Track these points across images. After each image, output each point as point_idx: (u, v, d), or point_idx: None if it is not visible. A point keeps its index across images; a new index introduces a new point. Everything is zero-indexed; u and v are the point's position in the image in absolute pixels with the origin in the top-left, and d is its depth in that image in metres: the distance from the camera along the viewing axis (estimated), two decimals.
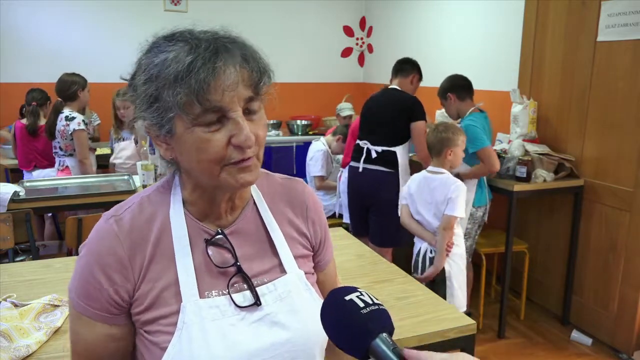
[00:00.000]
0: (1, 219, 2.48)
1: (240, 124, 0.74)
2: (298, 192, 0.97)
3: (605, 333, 2.97)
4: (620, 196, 2.84)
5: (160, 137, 0.79)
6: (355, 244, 2.04)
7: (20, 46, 4.81)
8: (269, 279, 0.87)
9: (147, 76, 0.75)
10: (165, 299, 0.80)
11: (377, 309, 0.61)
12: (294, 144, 5.05)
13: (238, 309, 0.81)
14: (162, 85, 0.73)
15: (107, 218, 0.83)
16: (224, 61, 0.73)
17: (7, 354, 1.16)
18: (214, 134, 0.74)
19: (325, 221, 1.02)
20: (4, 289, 1.53)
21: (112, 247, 0.80)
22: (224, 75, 0.72)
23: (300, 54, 5.78)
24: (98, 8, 5.01)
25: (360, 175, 3.13)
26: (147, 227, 0.83)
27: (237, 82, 0.73)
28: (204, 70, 0.71)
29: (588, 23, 2.97)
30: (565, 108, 3.18)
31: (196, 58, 0.71)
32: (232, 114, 0.74)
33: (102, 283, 0.79)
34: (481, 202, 2.93)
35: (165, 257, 0.82)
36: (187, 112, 0.73)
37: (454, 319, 1.40)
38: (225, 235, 0.85)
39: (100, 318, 0.80)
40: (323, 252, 1.00)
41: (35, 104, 3.88)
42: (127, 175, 3.28)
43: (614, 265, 2.90)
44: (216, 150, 0.74)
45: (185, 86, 0.71)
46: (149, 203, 0.85)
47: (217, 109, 0.73)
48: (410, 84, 3.22)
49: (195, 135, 0.74)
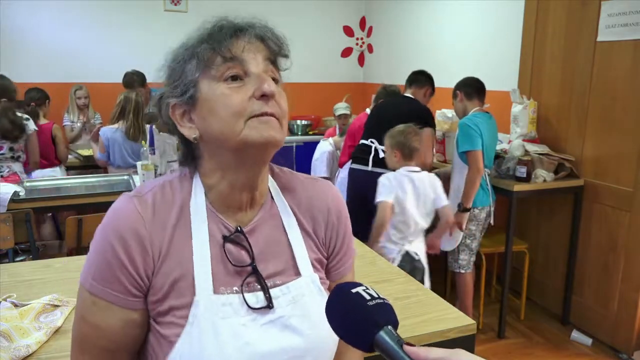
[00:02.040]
0: (1, 219, 2.48)
1: (262, 75, 0.77)
2: (321, 193, 0.94)
3: (605, 333, 2.97)
4: (620, 196, 2.84)
5: (185, 113, 0.81)
6: (355, 243, 2.04)
7: (20, 46, 4.81)
8: (282, 281, 0.85)
9: (175, 58, 0.81)
10: (179, 289, 0.78)
11: (383, 302, 0.62)
12: (294, 144, 5.05)
13: (250, 309, 0.80)
14: (189, 55, 0.78)
15: (130, 197, 0.81)
16: (245, 27, 0.79)
17: (7, 354, 1.16)
18: (237, 88, 0.76)
19: (349, 229, 0.97)
20: (4, 289, 1.53)
21: (135, 227, 0.78)
22: (245, 35, 0.78)
23: (300, 53, 5.70)
24: (98, 8, 5.01)
25: (367, 177, 3.06)
26: (168, 213, 0.81)
27: (257, 44, 0.79)
28: (227, 28, 0.78)
29: (588, 23, 2.97)
30: (565, 108, 3.18)
31: (218, 25, 0.79)
32: (253, 69, 0.77)
33: (125, 263, 0.76)
34: (483, 203, 2.92)
35: (182, 246, 0.80)
36: (210, 66, 0.77)
37: (454, 319, 1.40)
38: (244, 233, 0.83)
39: (121, 302, 0.77)
40: (338, 262, 0.95)
41: (35, 104, 3.87)
42: (127, 175, 3.29)
43: (614, 265, 2.90)
44: (239, 102, 0.76)
45: (208, 42, 0.77)
46: (171, 188, 0.84)
47: (239, 61, 0.77)
48: (424, 96, 3.28)
49: (219, 91, 0.76)
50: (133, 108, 3.61)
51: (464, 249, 2.97)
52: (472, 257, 3.00)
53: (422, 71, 3.35)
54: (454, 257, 3.02)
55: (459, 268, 3.00)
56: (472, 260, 3.01)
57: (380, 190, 2.50)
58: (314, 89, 5.89)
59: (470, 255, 2.99)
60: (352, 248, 0.99)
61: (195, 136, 0.80)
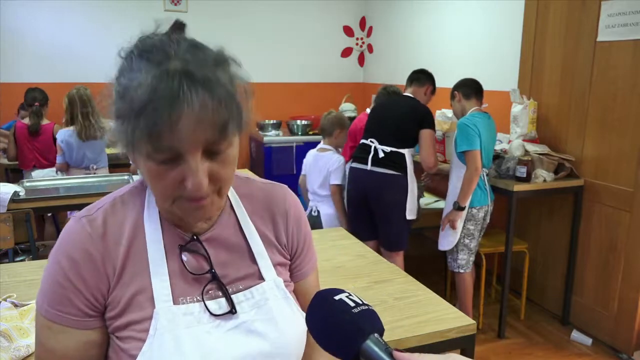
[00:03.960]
0: (1, 219, 2.48)
1: (191, 170, 0.69)
2: (279, 197, 0.94)
3: (606, 333, 2.97)
4: (620, 196, 2.84)
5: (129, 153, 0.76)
6: (355, 244, 2.04)
7: (19, 46, 4.81)
8: (245, 286, 0.84)
9: (118, 90, 0.72)
10: (138, 303, 0.77)
11: (367, 309, 0.60)
12: (294, 144, 5.05)
13: (212, 316, 0.79)
14: (126, 110, 0.68)
15: (79, 218, 0.80)
16: (186, 101, 0.65)
17: (8, 354, 1.16)
18: (167, 171, 0.70)
19: (308, 230, 0.98)
20: (4, 289, 1.53)
21: (85, 248, 0.77)
22: (185, 115, 0.65)
23: (300, 54, 5.78)
24: (98, 8, 5.01)
25: (366, 177, 3.07)
26: (121, 228, 0.80)
27: (198, 123, 0.66)
28: (164, 108, 0.65)
29: (588, 23, 2.97)
30: (565, 108, 3.18)
31: (155, 93, 0.65)
32: (187, 156, 0.69)
33: (77, 285, 0.75)
34: (481, 202, 2.92)
35: (138, 260, 0.79)
36: (140, 148, 0.68)
37: (454, 319, 1.40)
38: (200, 241, 0.83)
39: (77, 324, 0.76)
40: (301, 262, 0.95)
41: (38, 104, 3.88)
42: (127, 175, 3.28)
43: (614, 265, 2.90)
44: (166, 187, 0.72)
45: (142, 123, 0.65)
46: (122, 203, 0.83)
47: (172, 150, 0.68)
48: (424, 94, 3.26)
49: (148, 168, 0.71)
50: (80, 110, 3.57)
51: (463, 248, 2.97)
52: (472, 257, 3.01)
53: (422, 70, 3.33)
54: (453, 257, 3.02)
55: (458, 268, 3.00)
56: (472, 260, 3.01)
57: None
58: (314, 89, 5.88)
59: (470, 255, 2.99)
60: (312, 249, 0.99)
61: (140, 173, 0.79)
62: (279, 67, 5.70)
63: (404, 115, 3.08)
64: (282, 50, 5.59)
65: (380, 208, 3.08)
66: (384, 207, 3.07)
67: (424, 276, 2.13)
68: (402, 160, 3.03)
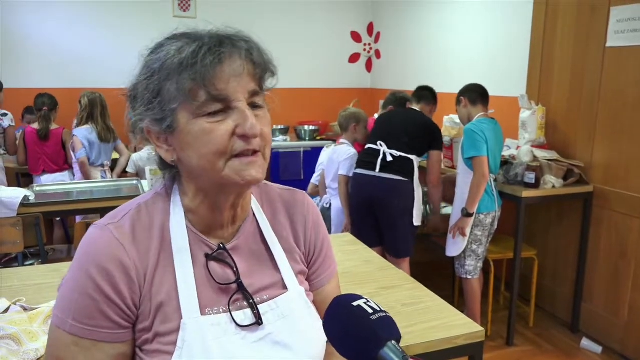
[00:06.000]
0: (11, 223, 2.50)
1: (245, 113, 0.72)
2: (298, 204, 0.94)
3: (616, 341, 2.94)
4: (630, 203, 2.81)
5: (161, 137, 0.76)
6: (363, 249, 2.04)
7: (28, 52, 4.85)
8: (269, 296, 0.83)
9: (149, 72, 0.74)
10: (165, 314, 0.75)
11: (385, 315, 0.60)
12: (302, 149, 5.05)
13: (239, 327, 0.78)
14: (165, 76, 0.72)
15: (103, 226, 0.77)
16: (229, 49, 0.72)
17: (17, 357, 1.16)
18: (218, 124, 0.72)
19: (326, 237, 0.97)
20: (14, 293, 1.53)
21: (117, 256, 0.74)
22: (230, 61, 0.72)
23: (308, 59, 5.80)
24: (107, 14, 5.05)
25: (372, 183, 3.05)
26: (149, 234, 0.78)
27: (242, 71, 0.73)
28: (211, 54, 0.70)
29: (597, 28, 2.95)
30: (574, 114, 3.16)
31: (201, 47, 0.71)
32: (236, 104, 0.72)
33: (111, 296, 0.72)
34: (489, 208, 2.91)
35: (165, 269, 0.77)
36: (192, 100, 0.71)
37: (463, 326, 1.39)
38: (227, 250, 0.81)
39: (109, 337, 0.73)
40: (318, 268, 0.94)
41: (47, 109, 3.92)
42: (135, 180, 3.30)
43: (624, 272, 2.87)
44: (220, 141, 0.71)
45: (191, 71, 0.70)
46: (147, 210, 0.80)
47: (222, 97, 0.71)
48: (429, 112, 3.37)
49: (198, 126, 0.71)
50: (100, 112, 3.78)
51: (470, 254, 2.95)
52: (479, 263, 2.99)
53: (429, 88, 3.42)
54: (460, 263, 3.00)
55: (465, 274, 2.98)
56: (479, 266, 2.99)
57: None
58: (322, 94, 5.89)
59: (477, 261, 2.97)
60: (331, 257, 0.97)
61: (173, 159, 0.78)
62: (286, 73, 5.60)
63: (415, 129, 3.11)
64: (290, 55, 5.61)
65: (387, 214, 3.06)
66: (392, 214, 3.05)
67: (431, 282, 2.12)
68: (409, 166, 3.03)
